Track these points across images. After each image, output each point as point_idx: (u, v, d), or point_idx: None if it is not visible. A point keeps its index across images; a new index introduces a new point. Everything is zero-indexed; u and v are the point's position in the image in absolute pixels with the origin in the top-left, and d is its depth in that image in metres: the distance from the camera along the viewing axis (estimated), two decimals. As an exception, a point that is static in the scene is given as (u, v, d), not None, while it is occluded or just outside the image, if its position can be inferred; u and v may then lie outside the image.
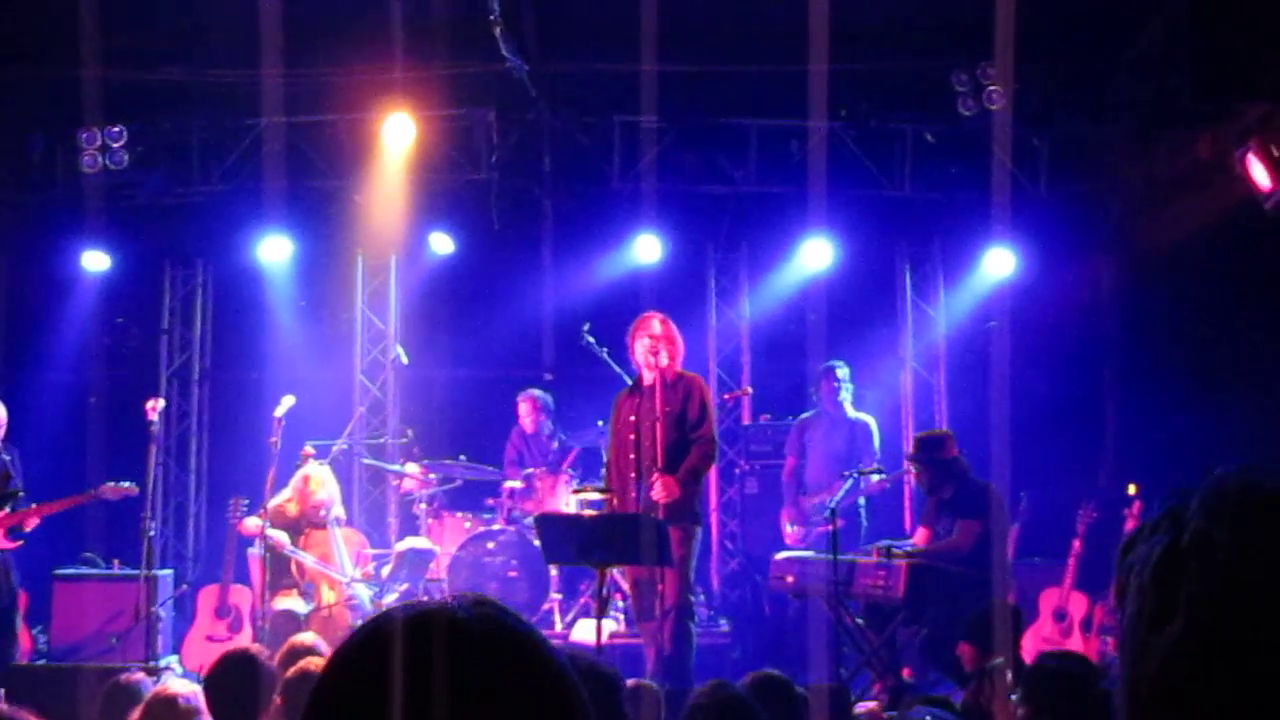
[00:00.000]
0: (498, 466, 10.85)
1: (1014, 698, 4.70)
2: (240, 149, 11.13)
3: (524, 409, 11.01)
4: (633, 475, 8.06)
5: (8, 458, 9.16)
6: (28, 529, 9.09)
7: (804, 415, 10.77)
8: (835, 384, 10.39)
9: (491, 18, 9.57)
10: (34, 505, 9.16)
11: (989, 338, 11.56)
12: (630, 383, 8.42)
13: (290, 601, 9.03)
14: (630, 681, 5.05)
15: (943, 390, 12.10)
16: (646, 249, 11.38)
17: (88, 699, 5.99)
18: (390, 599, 9.28)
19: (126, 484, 9.30)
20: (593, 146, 11.26)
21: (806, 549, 9.41)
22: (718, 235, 12.13)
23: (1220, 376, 10.21)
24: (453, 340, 12.20)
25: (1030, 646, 8.59)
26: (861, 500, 10.30)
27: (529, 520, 9.49)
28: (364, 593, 9.16)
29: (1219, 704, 1.14)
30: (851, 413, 10.45)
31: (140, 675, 5.32)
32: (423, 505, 10.48)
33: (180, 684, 4.75)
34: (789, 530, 10.41)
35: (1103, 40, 10.58)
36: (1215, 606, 1.15)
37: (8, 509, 9.00)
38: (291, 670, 4.64)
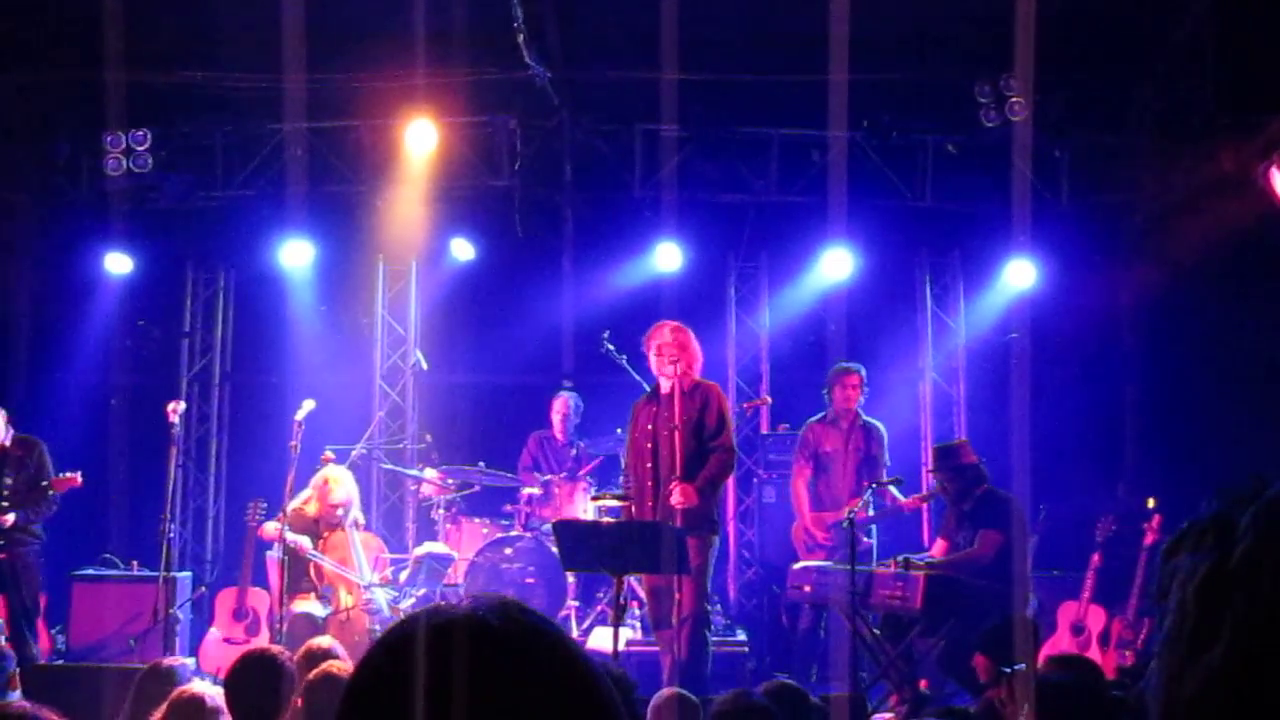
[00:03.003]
0: (515, 473, 10.85)
1: (1026, 708, 4.69)
2: (263, 154, 11.20)
3: (557, 405, 10.98)
4: (650, 483, 8.06)
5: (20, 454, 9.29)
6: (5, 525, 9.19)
7: (812, 420, 10.26)
8: (854, 389, 9.99)
9: (514, 25, 9.62)
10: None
11: (1009, 349, 11.55)
12: (649, 390, 8.42)
13: (308, 605, 9.05)
14: (668, 691, 5.06)
15: (962, 402, 12.06)
16: (667, 257, 11.38)
17: (107, 699, 6.02)
18: (407, 604, 9.30)
19: (69, 474, 9.28)
20: (614, 154, 11.28)
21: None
22: (738, 244, 12.11)
23: (1241, 390, 10.15)
24: (472, 346, 12.22)
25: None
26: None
27: (547, 527, 9.48)
28: (382, 597, 9.18)
29: None
30: (864, 417, 10.16)
31: (181, 661, 5.34)
32: (441, 510, 10.48)
33: (205, 685, 4.77)
34: (807, 554, 9.72)
35: (1125, 52, 10.56)
36: (1260, 636, 1.12)
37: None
38: (314, 673, 4.66)
